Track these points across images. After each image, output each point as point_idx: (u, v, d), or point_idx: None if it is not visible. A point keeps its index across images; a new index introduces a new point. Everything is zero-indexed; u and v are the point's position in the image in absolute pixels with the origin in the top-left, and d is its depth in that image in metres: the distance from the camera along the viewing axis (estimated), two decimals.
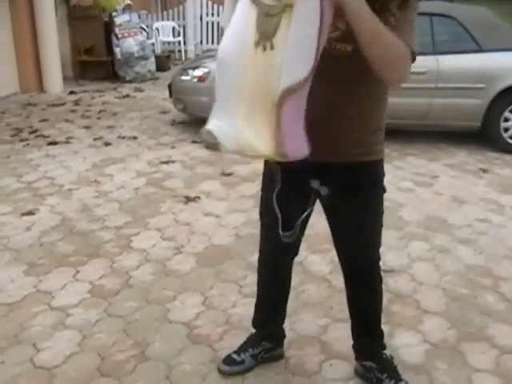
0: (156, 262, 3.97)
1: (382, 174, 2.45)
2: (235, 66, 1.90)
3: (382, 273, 2.66)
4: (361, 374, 2.80)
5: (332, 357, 2.99)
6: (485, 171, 6.14)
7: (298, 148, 1.94)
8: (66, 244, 4.22)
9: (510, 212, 5.02)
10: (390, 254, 4.05)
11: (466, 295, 3.61)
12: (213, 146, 1.95)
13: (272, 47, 1.84)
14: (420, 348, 3.07)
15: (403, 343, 3.10)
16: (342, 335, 3.04)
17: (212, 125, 1.94)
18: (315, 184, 2.32)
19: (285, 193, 2.36)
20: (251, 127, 1.87)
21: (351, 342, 2.81)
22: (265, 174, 2.55)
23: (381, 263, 2.64)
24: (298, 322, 3.27)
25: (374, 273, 2.62)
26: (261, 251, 2.75)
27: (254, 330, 2.93)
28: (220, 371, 2.84)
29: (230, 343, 3.02)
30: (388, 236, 4.29)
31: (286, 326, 2.97)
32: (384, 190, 2.46)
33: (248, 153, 1.92)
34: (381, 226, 2.52)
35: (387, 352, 2.78)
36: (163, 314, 3.34)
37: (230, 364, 2.85)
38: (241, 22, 1.93)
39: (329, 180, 2.31)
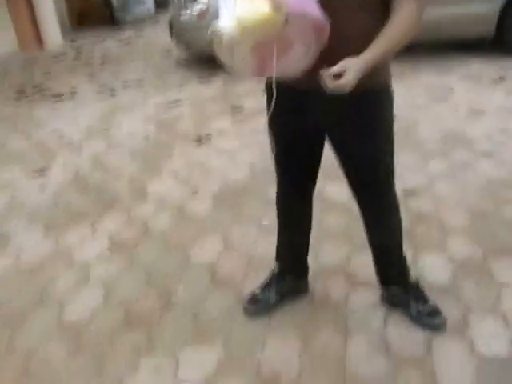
0: (172, 207, 3.93)
1: (389, 101, 2.29)
2: None
3: (398, 199, 2.54)
4: (387, 300, 2.76)
5: (357, 285, 2.95)
6: (502, 79, 5.93)
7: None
8: (81, 200, 4.18)
9: None
10: (409, 175, 3.97)
11: (490, 210, 3.54)
12: (214, 39, 1.86)
13: None
14: (446, 268, 3.02)
15: (429, 265, 3.05)
16: (366, 262, 2.96)
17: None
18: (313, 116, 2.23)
19: (284, 122, 2.32)
20: (247, 3, 1.81)
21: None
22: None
23: (397, 189, 2.52)
24: (321, 252, 3.22)
25: (387, 201, 2.49)
26: (278, 184, 2.65)
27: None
28: (245, 311, 2.82)
29: (254, 282, 2.97)
30: (406, 156, 4.22)
31: (309, 257, 2.90)
32: (392, 119, 2.33)
33: (245, 23, 1.79)
34: (391, 152, 2.37)
35: (412, 275, 2.72)
36: (184, 260, 3.31)
37: (255, 303, 2.82)
38: None
39: (330, 110, 2.17)
